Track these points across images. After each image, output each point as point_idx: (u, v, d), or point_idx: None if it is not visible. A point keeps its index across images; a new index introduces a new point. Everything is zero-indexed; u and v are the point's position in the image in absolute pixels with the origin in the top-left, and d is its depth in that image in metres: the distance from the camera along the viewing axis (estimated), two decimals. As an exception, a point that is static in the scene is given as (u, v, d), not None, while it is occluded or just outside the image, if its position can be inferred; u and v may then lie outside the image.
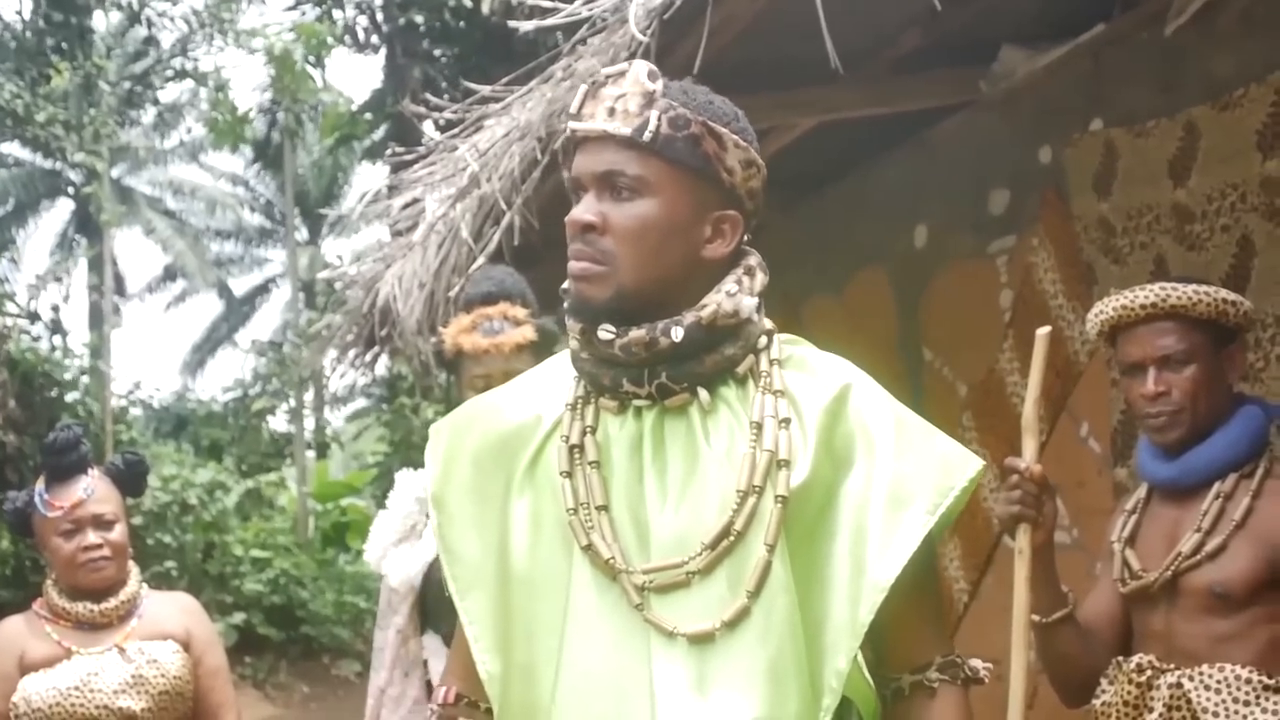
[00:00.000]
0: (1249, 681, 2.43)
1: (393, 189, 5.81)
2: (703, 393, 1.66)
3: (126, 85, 15.22)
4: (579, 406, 1.70)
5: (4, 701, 3.04)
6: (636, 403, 1.67)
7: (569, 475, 1.66)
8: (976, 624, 4.74)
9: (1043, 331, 2.57)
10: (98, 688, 3.04)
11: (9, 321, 10.26)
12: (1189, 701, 2.44)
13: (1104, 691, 2.57)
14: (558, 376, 1.76)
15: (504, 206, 4.27)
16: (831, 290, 5.68)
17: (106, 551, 3.09)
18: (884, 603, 1.60)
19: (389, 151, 5.35)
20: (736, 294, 1.68)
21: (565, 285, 1.72)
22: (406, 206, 5.25)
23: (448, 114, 5.00)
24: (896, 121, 4.83)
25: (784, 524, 1.60)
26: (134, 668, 3.07)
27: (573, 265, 1.67)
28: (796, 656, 1.58)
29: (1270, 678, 2.43)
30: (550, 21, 3.49)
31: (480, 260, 4.33)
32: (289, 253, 18.61)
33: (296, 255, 18.58)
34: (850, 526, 1.63)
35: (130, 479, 3.22)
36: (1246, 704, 2.42)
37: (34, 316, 10.88)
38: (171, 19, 13.17)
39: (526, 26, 3.53)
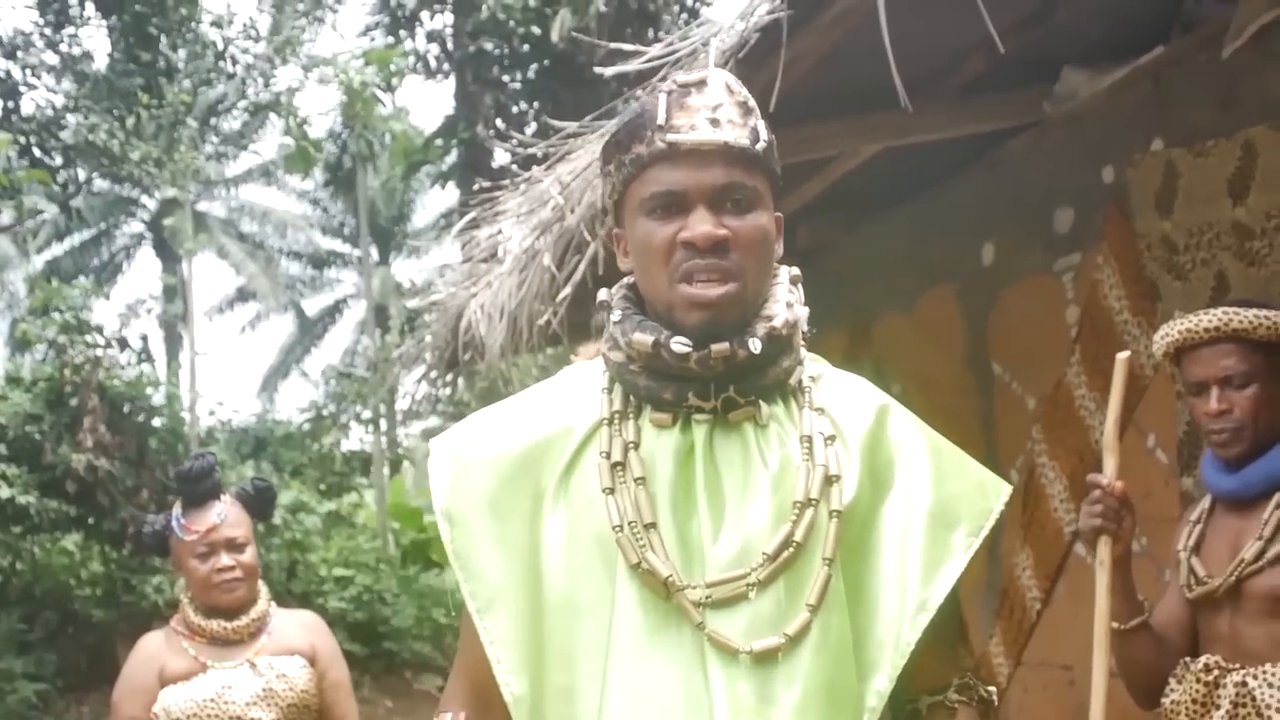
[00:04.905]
0: (1310, 679, 2.57)
1: (464, 213, 6.00)
2: (764, 406, 1.62)
3: (203, 115, 15.52)
4: (616, 421, 1.62)
5: (145, 712, 3.25)
6: (697, 417, 1.61)
7: (612, 492, 1.58)
8: (1049, 631, 4.85)
9: (1123, 356, 2.71)
10: (231, 700, 3.24)
11: (99, 351, 10.55)
12: (1254, 698, 2.58)
13: (1173, 691, 2.72)
14: (580, 389, 1.69)
15: (587, 237, 4.43)
16: (902, 308, 5.79)
17: (239, 573, 3.29)
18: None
19: (475, 188, 5.55)
20: (794, 304, 1.64)
21: (603, 297, 1.68)
22: (492, 236, 5.44)
23: (521, 146, 5.15)
24: (964, 142, 4.92)
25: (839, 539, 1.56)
26: (264, 682, 3.27)
27: (705, 289, 1.57)
28: (850, 675, 1.54)
29: (1330, 675, 2.56)
30: (632, 66, 3.65)
31: (566, 290, 4.50)
32: (364, 276, 18.86)
33: (371, 277, 18.85)
34: (894, 547, 1.60)
35: (260, 504, 3.42)
36: (1308, 701, 2.56)
37: (123, 344, 11.18)
38: (254, 57, 13.37)
39: (609, 72, 3.67)
